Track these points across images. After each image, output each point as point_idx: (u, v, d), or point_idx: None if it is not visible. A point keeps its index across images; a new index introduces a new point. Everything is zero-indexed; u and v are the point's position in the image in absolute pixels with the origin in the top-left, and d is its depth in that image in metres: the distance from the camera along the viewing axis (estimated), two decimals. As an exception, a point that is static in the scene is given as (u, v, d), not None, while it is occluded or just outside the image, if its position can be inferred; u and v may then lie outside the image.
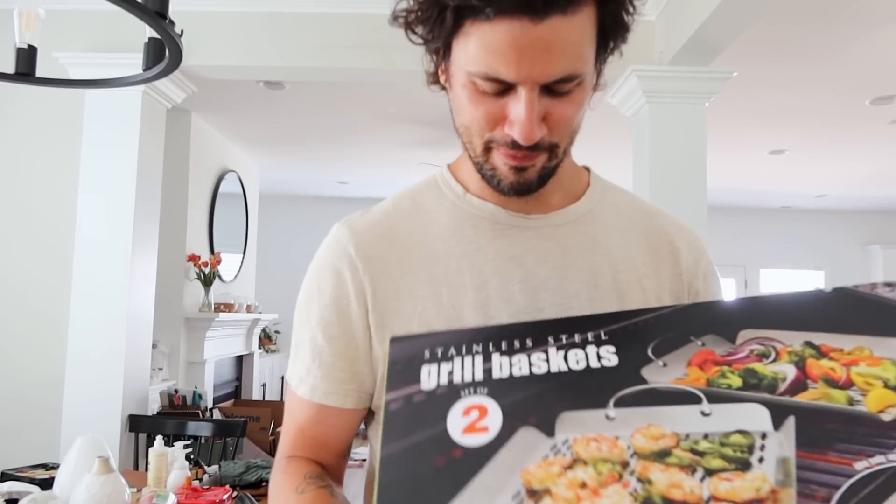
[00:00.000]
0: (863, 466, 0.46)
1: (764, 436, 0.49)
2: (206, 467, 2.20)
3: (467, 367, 0.55)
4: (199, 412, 3.63)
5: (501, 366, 0.55)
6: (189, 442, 2.37)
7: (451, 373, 0.55)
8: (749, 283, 8.12)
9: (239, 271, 5.36)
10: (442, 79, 0.71)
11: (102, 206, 2.98)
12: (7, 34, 2.73)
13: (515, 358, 0.55)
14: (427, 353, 0.57)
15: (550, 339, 0.57)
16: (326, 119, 4.63)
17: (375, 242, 0.76)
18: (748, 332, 0.56)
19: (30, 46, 1.55)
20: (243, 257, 5.51)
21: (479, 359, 0.55)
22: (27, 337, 3.01)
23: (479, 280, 0.72)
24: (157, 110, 3.19)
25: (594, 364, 0.54)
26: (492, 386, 0.53)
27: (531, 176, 0.69)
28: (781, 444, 0.48)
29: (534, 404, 0.52)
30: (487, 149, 0.67)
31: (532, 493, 0.47)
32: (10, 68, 1.65)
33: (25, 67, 1.56)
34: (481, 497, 0.47)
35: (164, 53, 1.40)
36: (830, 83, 3.77)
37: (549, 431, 0.51)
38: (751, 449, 0.49)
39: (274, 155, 5.78)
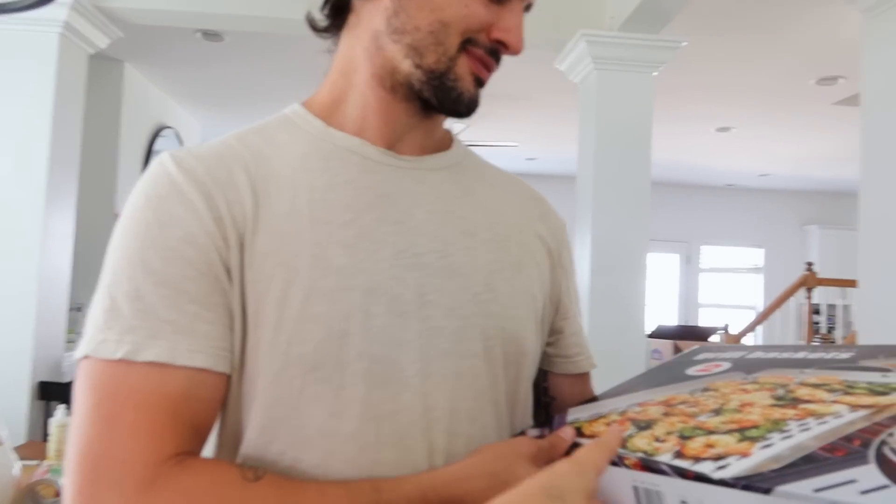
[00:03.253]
0: None
1: None
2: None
3: (732, 353, 0.75)
4: (124, 378, 3.47)
5: (757, 355, 0.73)
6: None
7: (717, 356, 0.76)
8: (691, 259, 8.27)
9: (174, 232, 5.17)
10: None
11: (11, 152, 2.75)
12: None
13: (773, 353, 0.72)
14: (707, 353, 0.78)
15: (811, 346, 0.73)
16: (270, 74, 4.46)
17: (224, 170, 0.62)
18: None
19: None
20: (179, 218, 5.31)
21: (742, 351, 0.75)
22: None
23: (348, 216, 0.63)
24: (77, 54, 2.96)
25: (826, 356, 0.67)
26: (737, 361, 0.71)
27: (479, 93, 0.68)
28: None
29: (753, 365, 0.68)
30: (459, 51, 0.64)
31: (705, 390, 0.64)
32: None
33: None
34: (676, 387, 0.67)
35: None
36: (778, 60, 3.77)
37: (749, 373, 0.66)
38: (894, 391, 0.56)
39: (217, 111, 5.56)
